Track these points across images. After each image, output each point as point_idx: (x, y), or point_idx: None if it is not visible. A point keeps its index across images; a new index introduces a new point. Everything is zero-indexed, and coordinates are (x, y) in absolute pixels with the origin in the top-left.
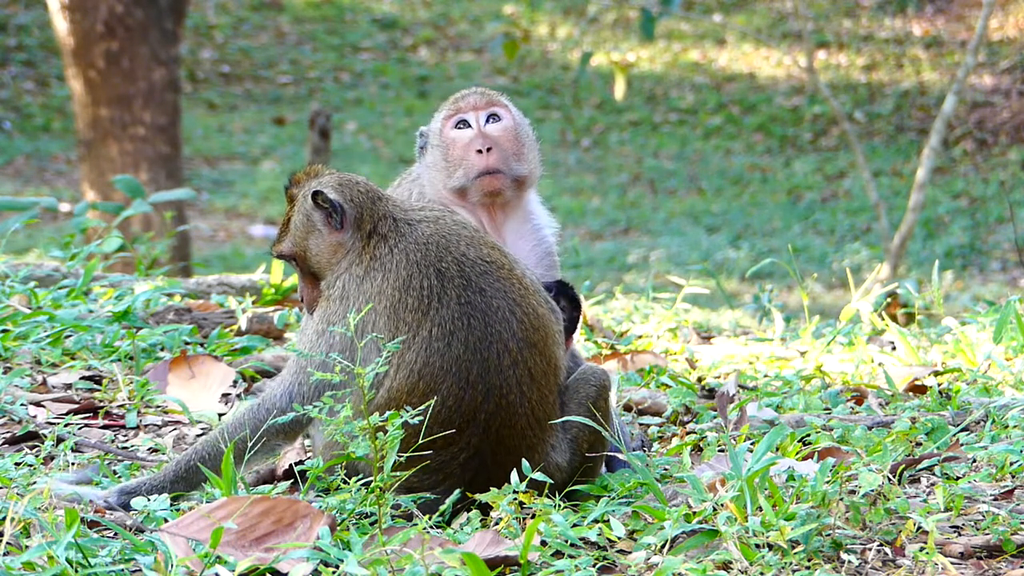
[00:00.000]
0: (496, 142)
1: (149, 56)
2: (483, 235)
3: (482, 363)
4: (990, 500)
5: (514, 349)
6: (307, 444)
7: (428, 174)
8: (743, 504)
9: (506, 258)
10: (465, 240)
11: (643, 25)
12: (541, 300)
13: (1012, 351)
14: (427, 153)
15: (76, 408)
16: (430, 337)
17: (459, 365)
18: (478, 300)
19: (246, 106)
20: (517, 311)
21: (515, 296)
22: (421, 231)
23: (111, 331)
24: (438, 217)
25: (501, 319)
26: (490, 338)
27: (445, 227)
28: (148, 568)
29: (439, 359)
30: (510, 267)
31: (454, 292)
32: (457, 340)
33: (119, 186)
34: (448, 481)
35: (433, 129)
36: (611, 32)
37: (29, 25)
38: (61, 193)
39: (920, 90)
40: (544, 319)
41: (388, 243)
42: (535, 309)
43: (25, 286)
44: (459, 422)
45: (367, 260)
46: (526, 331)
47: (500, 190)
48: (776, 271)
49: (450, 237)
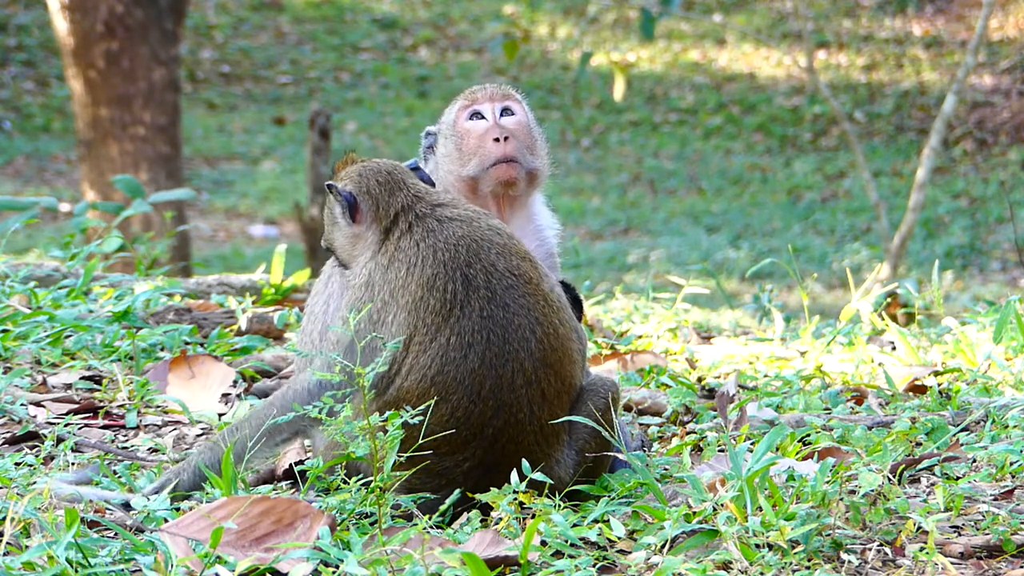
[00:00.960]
0: (512, 133)
1: (149, 56)
2: (516, 243)
3: (495, 379)
4: (990, 500)
5: (529, 369)
6: (307, 444)
7: (443, 165)
8: (743, 504)
9: (536, 270)
10: (497, 248)
11: (643, 25)
12: (564, 319)
13: (1012, 351)
14: (440, 145)
15: (76, 408)
16: (448, 345)
17: (472, 378)
18: (500, 315)
19: (246, 106)
20: (538, 330)
21: (538, 314)
22: (452, 231)
23: (111, 331)
24: (472, 218)
25: (520, 337)
26: (507, 355)
27: (478, 231)
28: (148, 568)
29: (454, 369)
30: (538, 281)
31: (478, 303)
32: (474, 353)
33: (119, 186)
34: (450, 486)
35: (446, 121)
36: (611, 32)
37: (29, 25)
38: (61, 193)
39: (920, 90)
40: (564, 339)
41: (413, 236)
42: (556, 329)
43: (25, 286)
44: (466, 434)
45: (391, 251)
46: (544, 351)
47: (515, 180)
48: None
49: (482, 243)
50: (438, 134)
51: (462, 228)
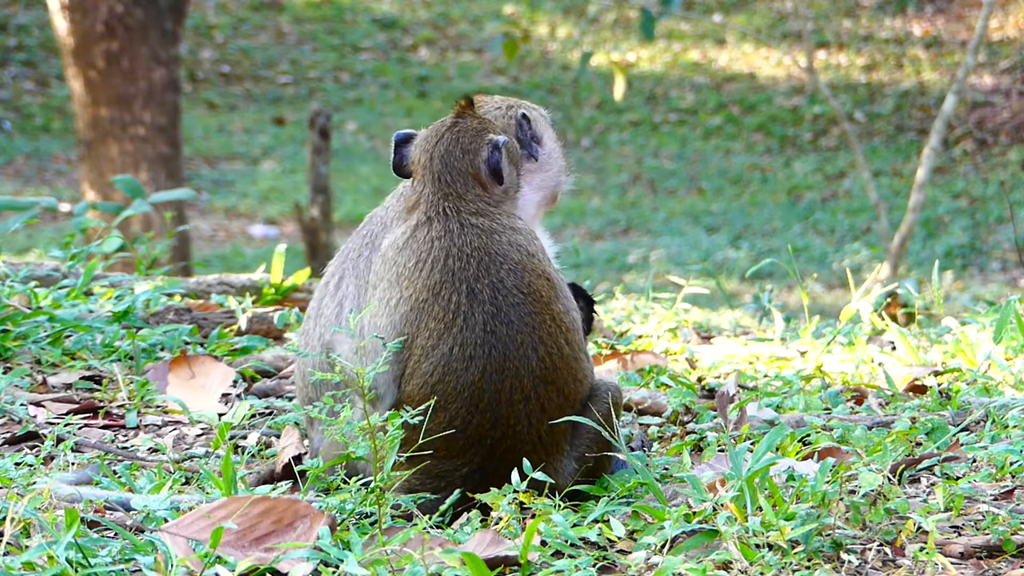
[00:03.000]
0: None
1: (149, 56)
2: (536, 262)
3: (494, 394)
4: (990, 500)
5: (528, 386)
6: (306, 444)
7: (538, 178)
8: (743, 504)
9: (552, 290)
10: (510, 264)
11: (643, 25)
12: (573, 340)
13: (1012, 351)
14: (543, 156)
15: (76, 408)
16: (450, 355)
17: (471, 391)
18: (503, 331)
19: (246, 106)
20: (540, 349)
21: (542, 333)
22: (468, 239)
23: (111, 331)
24: (495, 230)
25: (521, 355)
26: (506, 371)
27: (495, 245)
28: (148, 568)
29: (455, 380)
30: (549, 301)
31: (481, 317)
32: (475, 366)
33: (119, 186)
34: (449, 488)
35: (550, 135)
36: (611, 32)
37: (29, 25)
38: (61, 193)
39: (920, 90)
40: (568, 359)
41: (430, 231)
42: (561, 349)
43: (25, 286)
44: (463, 442)
45: (408, 233)
46: (545, 369)
47: None
48: (776, 271)
49: (495, 257)
50: (537, 145)
51: (480, 239)
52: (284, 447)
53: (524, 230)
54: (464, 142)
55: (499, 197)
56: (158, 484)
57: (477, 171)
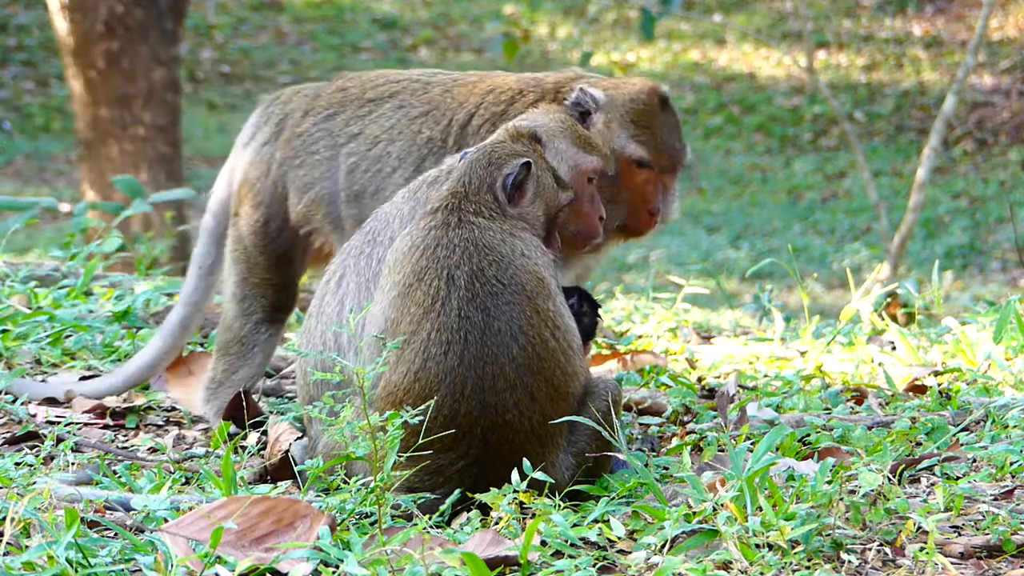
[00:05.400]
0: None
1: (149, 56)
2: (526, 260)
3: (476, 380)
4: (990, 500)
5: (511, 374)
6: (305, 443)
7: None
8: (743, 504)
9: (541, 287)
10: (493, 257)
11: (643, 25)
12: (560, 335)
13: (1012, 351)
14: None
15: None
16: (428, 341)
17: (453, 377)
18: (478, 317)
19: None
20: (521, 338)
21: (522, 323)
22: (461, 232)
23: (111, 331)
24: (491, 229)
25: (499, 343)
26: (485, 358)
27: (485, 238)
28: (148, 568)
29: (435, 365)
30: (533, 295)
31: (457, 302)
32: (453, 352)
33: (119, 186)
34: (447, 485)
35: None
36: (611, 32)
37: (29, 25)
38: (61, 193)
39: (920, 90)
40: (554, 351)
41: (431, 221)
42: (545, 341)
43: (25, 286)
44: (455, 432)
45: (415, 222)
46: (528, 358)
47: None
48: (776, 271)
49: (481, 248)
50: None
51: (473, 232)
52: (275, 438)
53: (527, 238)
54: (495, 156)
55: (511, 213)
56: (158, 484)
57: (494, 182)
